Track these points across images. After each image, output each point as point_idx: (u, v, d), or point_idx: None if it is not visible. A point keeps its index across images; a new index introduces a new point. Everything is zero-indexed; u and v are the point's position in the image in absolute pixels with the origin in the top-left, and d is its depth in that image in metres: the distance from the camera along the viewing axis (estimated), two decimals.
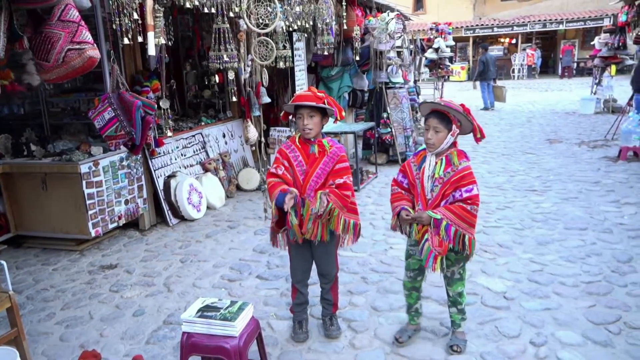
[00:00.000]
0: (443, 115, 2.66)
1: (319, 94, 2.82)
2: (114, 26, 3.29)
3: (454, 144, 2.74)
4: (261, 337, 2.73)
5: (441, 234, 2.62)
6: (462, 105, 2.70)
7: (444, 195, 2.67)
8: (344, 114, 2.93)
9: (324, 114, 2.87)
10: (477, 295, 3.62)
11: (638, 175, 6.57)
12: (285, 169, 2.87)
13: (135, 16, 3.38)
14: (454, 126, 2.65)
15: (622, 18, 10.93)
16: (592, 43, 14.99)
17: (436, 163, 2.70)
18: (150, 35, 3.44)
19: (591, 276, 3.83)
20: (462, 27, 26.07)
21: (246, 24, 4.80)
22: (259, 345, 2.71)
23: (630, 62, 11.84)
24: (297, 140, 2.91)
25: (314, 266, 3.15)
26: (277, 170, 2.88)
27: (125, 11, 3.25)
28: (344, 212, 2.88)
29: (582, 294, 3.57)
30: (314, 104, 2.78)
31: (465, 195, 2.62)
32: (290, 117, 3.09)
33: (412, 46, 10.92)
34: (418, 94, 11.38)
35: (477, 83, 14.38)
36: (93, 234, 4.78)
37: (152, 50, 3.51)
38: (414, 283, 2.99)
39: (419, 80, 13.96)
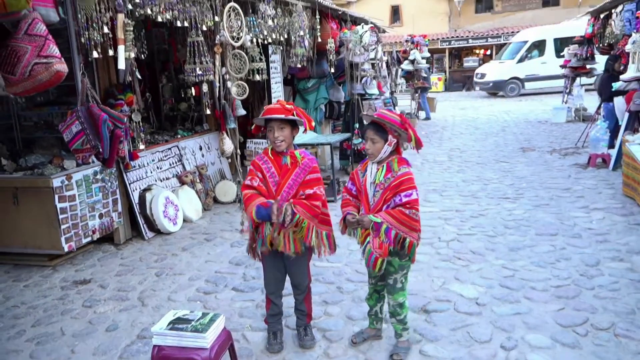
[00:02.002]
0: (379, 126, 2.78)
1: (287, 106, 2.86)
2: (83, 40, 3.29)
3: (397, 152, 2.87)
4: (233, 348, 2.73)
5: (381, 236, 2.72)
6: (400, 115, 2.82)
7: (385, 200, 2.78)
8: (313, 124, 2.99)
9: (294, 125, 2.92)
10: (450, 302, 3.67)
11: (606, 182, 6.76)
12: (260, 181, 2.91)
13: (106, 30, 3.39)
14: (389, 136, 2.76)
15: (588, 30, 11.29)
16: (561, 54, 15.41)
17: (377, 170, 2.83)
18: (121, 48, 3.45)
19: (560, 280, 3.92)
20: (438, 39, 26.53)
21: (225, 36, 4.84)
22: (231, 357, 2.71)
23: (598, 72, 12.19)
24: (269, 152, 2.95)
25: (288, 277, 3.17)
26: (252, 182, 2.91)
27: (94, 25, 3.26)
28: (315, 222, 2.91)
29: (552, 297, 3.66)
30: (283, 116, 2.82)
31: (404, 199, 2.73)
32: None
33: (386, 58, 11.08)
34: (395, 105, 11.54)
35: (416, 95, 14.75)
36: (66, 249, 4.71)
37: (122, 64, 3.52)
38: (375, 287, 3.09)
39: (395, 92, 14.16)
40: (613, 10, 9.61)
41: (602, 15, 10.61)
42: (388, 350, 3.09)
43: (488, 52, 27.64)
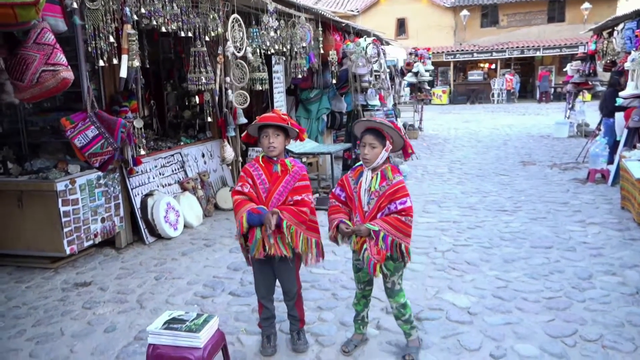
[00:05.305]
0: (377, 132, 2.87)
1: (283, 116, 2.98)
2: (90, 49, 3.41)
3: (387, 160, 2.95)
4: (226, 349, 2.80)
5: (379, 244, 2.82)
6: (393, 123, 2.94)
7: (380, 208, 2.87)
8: (307, 134, 3.09)
9: (287, 134, 3.02)
10: (442, 311, 3.73)
11: (604, 197, 6.81)
12: (250, 187, 2.99)
13: (112, 39, 3.51)
14: (387, 142, 2.87)
15: (591, 46, 11.40)
16: (564, 69, 15.52)
17: (372, 177, 2.90)
18: (124, 58, 3.57)
19: (552, 292, 3.97)
20: (443, 52, 26.77)
21: (230, 46, 4.97)
22: (224, 357, 2.78)
23: (600, 88, 12.28)
24: (260, 159, 3.04)
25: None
26: (242, 188, 2.99)
27: (101, 35, 3.38)
28: (302, 229, 2.97)
29: (543, 309, 3.71)
30: (279, 123, 2.93)
31: (399, 207, 2.82)
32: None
33: (388, 70, 11.20)
34: (397, 117, 11.64)
35: None
36: (68, 252, 4.80)
37: (123, 73, 3.64)
38: (363, 292, 3.19)
39: (399, 103, 14.27)
40: (615, 28, 9.72)
41: (604, 33, 10.71)
42: (378, 350, 3.17)
43: (493, 66, 27.83)
